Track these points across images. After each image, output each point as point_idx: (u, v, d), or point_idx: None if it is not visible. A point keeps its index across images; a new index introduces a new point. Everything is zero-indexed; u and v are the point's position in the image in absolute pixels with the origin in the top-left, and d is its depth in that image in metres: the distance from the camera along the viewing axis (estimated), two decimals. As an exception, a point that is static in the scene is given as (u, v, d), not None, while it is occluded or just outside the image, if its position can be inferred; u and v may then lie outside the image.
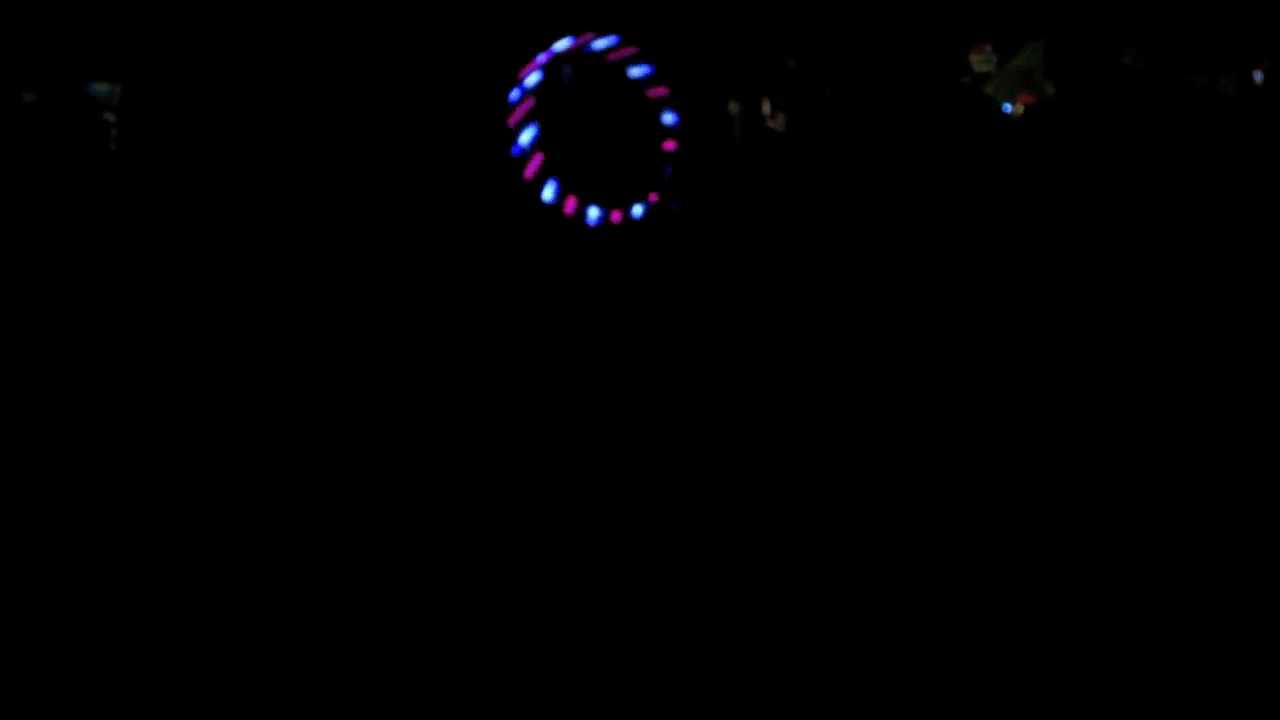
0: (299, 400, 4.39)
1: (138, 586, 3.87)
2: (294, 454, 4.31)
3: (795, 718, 3.65)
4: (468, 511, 4.29)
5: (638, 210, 4.68)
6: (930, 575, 4.14)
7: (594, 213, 4.63)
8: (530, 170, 4.54)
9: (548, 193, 4.55)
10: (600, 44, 4.59)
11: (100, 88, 4.52)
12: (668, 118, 4.70)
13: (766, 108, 6.00)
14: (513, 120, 4.50)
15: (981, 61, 6.00)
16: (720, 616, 4.01)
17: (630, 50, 4.62)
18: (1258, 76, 5.96)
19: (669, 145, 4.73)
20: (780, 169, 5.32)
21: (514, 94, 4.51)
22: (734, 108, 5.73)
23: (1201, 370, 4.84)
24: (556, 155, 4.61)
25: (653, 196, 4.66)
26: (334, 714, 3.59)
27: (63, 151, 4.35)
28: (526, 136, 4.50)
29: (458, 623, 3.90)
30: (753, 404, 4.71)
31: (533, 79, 4.44)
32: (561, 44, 4.55)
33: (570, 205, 4.60)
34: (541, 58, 4.51)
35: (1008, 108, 6.39)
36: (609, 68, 4.64)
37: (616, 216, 4.69)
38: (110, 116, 4.51)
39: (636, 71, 4.67)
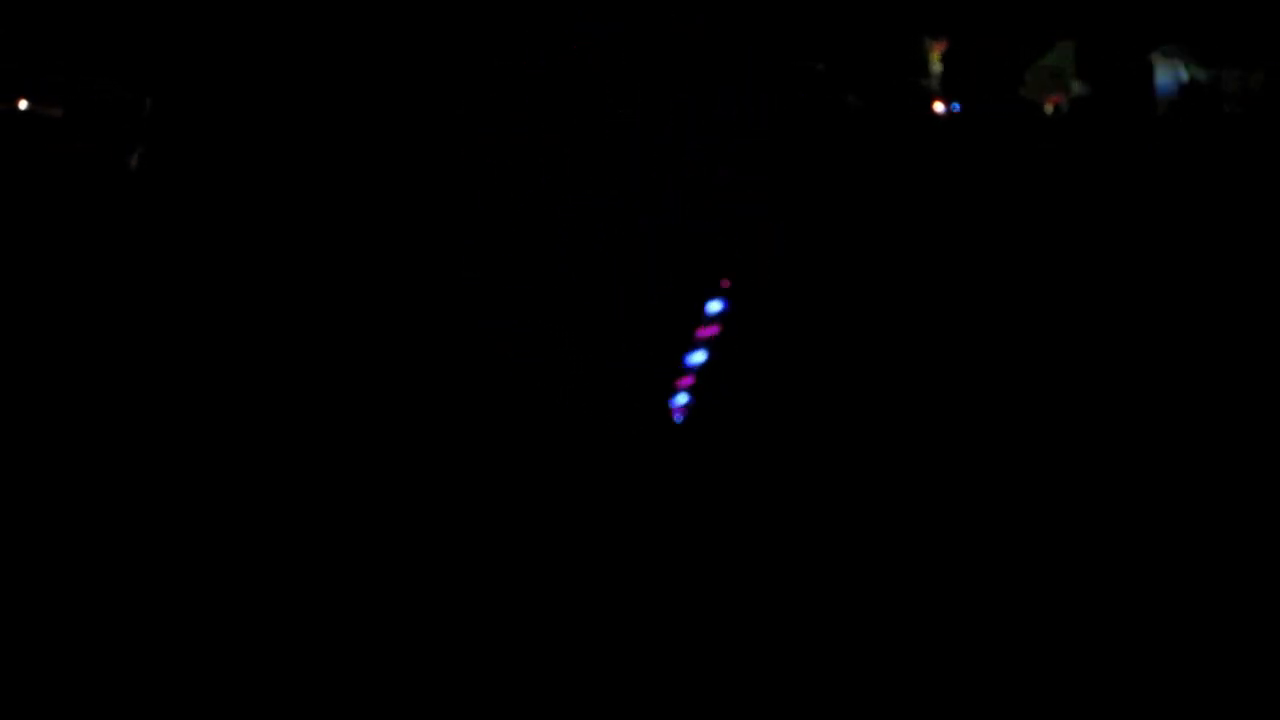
0: (298, 400, 4.41)
1: (137, 586, 3.91)
2: (293, 454, 4.34)
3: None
4: (467, 512, 4.30)
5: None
6: (941, 577, 4.10)
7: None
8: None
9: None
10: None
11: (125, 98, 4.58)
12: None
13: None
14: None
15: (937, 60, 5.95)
16: (721, 620, 3.99)
17: None
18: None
19: None
20: (804, 171, 5.29)
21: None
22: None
23: (1213, 370, 4.77)
24: None
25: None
26: (333, 714, 3.60)
27: (63, 152, 4.41)
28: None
29: (457, 623, 3.91)
30: (755, 404, 4.69)
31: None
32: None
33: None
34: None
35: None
36: None
37: None
38: (137, 130, 4.56)
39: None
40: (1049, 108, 6.27)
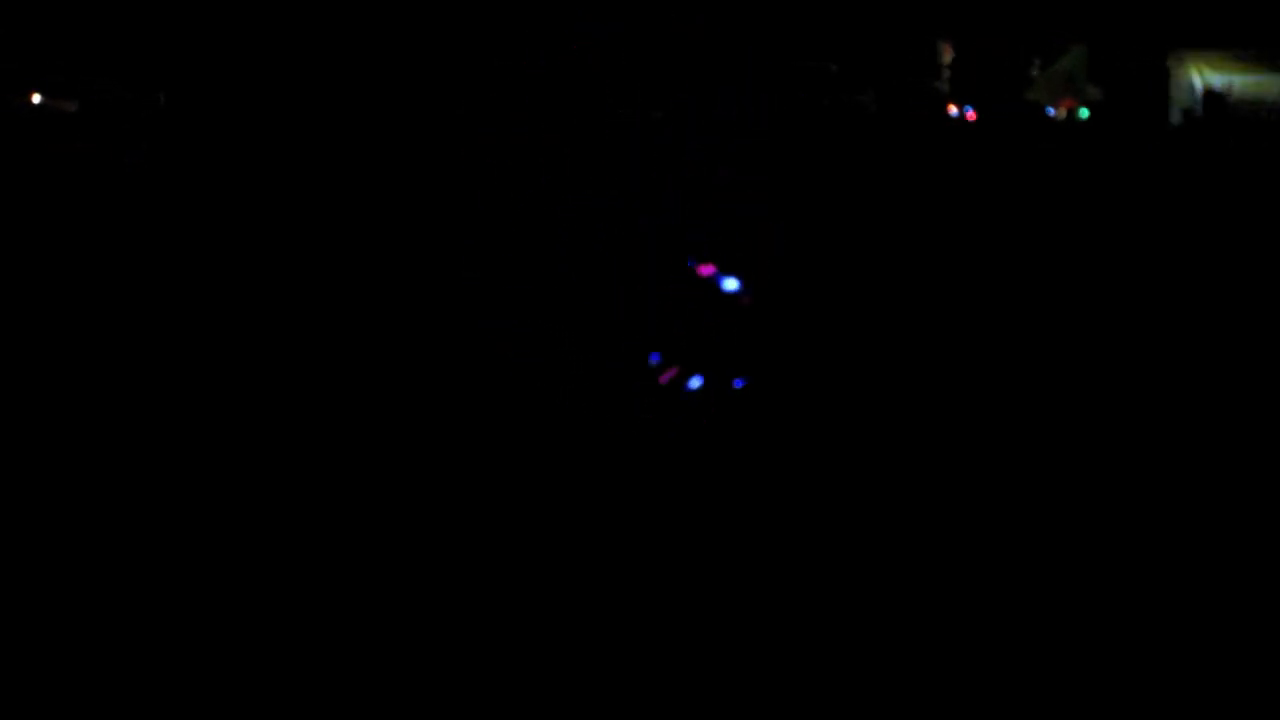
0: (299, 400, 4.41)
1: (136, 586, 3.90)
2: (294, 454, 4.33)
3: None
4: (467, 511, 4.28)
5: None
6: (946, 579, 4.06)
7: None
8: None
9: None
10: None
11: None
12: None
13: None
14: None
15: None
16: (720, 619, 3.96)
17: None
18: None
19: None
20: (823, 169, 5.28)
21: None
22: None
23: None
24: None
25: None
26: (332, 714, 3.59)
27: (63, 151, 4.43)
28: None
29: (457, 624, 3.89)
30: (756, 404, 4.66)
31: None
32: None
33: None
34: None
35: (1051, 111, 6.29)
36: None
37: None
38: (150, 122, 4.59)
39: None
40: (1062, 111, 6.26)
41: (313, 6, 4.38)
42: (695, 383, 4.53)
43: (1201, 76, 6.00)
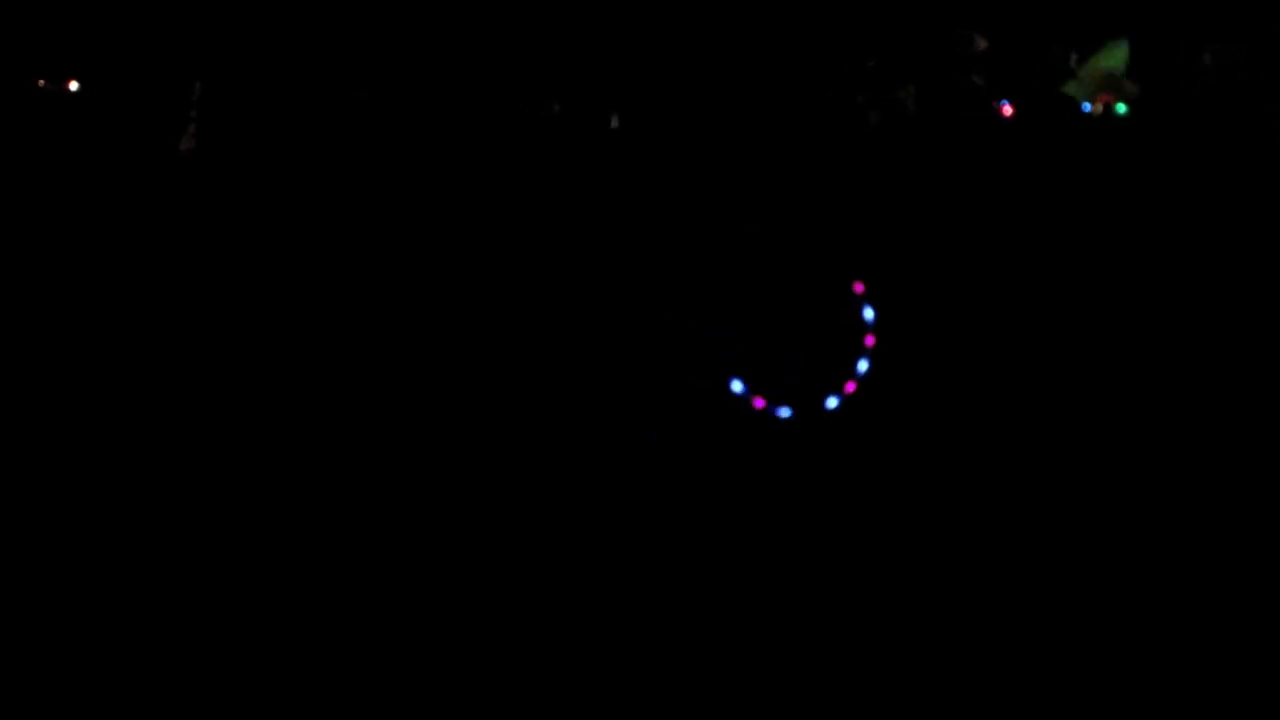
0: (300, 401, 4.44)
1: (136, 586, 3.96)
2: (294, 454, 4.38)
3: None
4: (467, 514, 4.31)
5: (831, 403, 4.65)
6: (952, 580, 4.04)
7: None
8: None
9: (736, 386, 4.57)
10: None
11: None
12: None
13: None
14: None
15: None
16: (720, 621, 3.96)
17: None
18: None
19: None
20: (859, 167, 5.26)
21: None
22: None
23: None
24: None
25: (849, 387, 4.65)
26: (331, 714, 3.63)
27: (69, 149, 4.47)
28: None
29: (455, 625, 3.92)
30: (758, 403, 4.64)
31: None
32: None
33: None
34: None
35: (1087, 107, 6.16)
36: None
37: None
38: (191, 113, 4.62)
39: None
40: (1099, 107, 6.13)
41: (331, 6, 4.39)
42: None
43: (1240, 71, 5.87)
